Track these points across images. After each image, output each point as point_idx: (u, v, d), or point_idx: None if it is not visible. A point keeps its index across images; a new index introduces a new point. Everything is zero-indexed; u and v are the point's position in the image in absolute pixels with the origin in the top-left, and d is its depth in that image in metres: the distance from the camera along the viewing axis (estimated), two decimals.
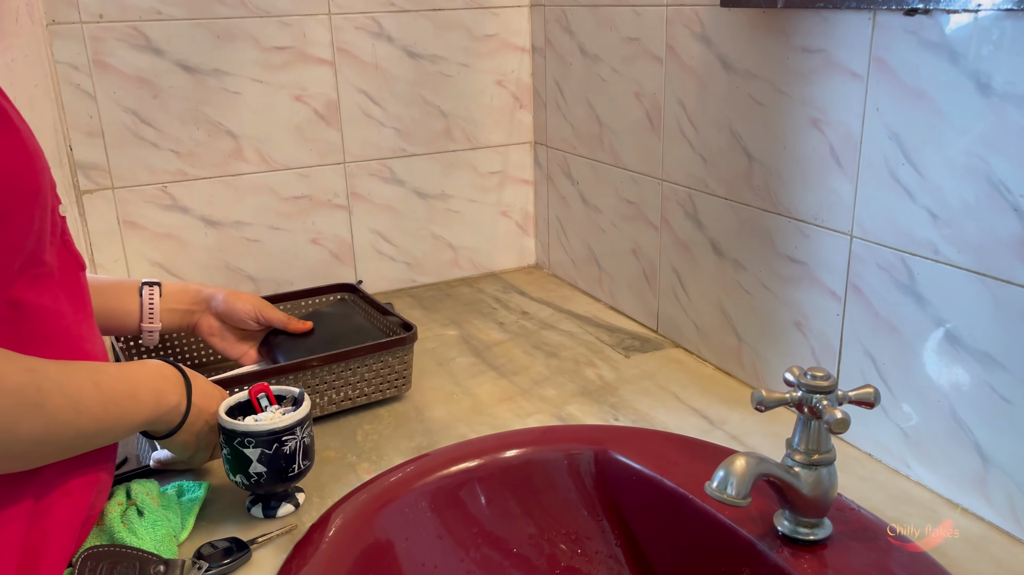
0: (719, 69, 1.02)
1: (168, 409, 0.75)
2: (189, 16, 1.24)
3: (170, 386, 0.76)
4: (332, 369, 0.97)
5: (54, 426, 0.61)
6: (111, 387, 0.68)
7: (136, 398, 0.71)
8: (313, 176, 1.38)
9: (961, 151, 0.74)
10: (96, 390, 0.66)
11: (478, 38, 1.43)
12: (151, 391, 0.73)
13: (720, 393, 1.04)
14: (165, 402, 0.75)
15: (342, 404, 1.00)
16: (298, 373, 0.95)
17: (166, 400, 0.75)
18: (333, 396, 0.99)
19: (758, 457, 0.67)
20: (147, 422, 0.73)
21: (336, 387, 0.98)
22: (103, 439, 0.69)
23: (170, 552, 0.73)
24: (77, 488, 0.69)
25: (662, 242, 1.20)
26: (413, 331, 1.04)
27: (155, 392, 0.74)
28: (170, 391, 0.76)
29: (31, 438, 0.60)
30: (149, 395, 0.73)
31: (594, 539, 0.85)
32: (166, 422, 0.76)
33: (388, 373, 1.02)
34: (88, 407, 0.65)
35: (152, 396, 0.73)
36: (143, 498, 0.76)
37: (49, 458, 0.65)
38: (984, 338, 0.75)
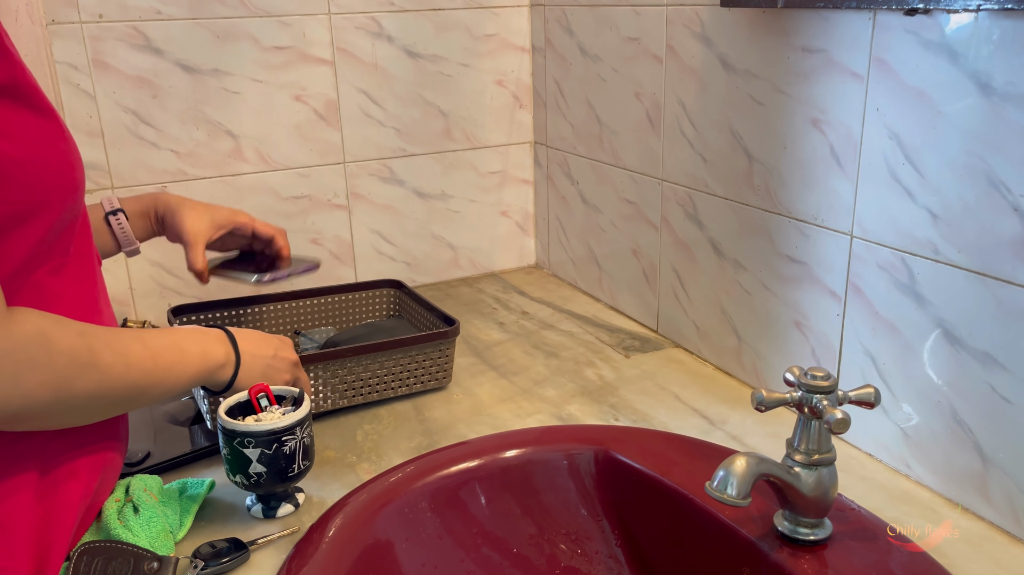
0: (719, 69, 1.02)
1: (218, 361, 0.80)
2: (189, 16, 1.24)
3: (212, 339, 0.81)
4: (376, 358, 1.02)
5: (107, 381, 0.67)
6: (156, 343, 0.74)
7: (182, 350, 0.76)
8: (313, 176, 1.38)
9: (961, 151, 0.74)
10: (143, 346, 0.71)
11: (478, 38, 1.43)
12: (195, 344, 0.78)
13: (720, 393, 1.04)
14: (212, 354, 0.80)
15: (385, 393, 1.04)
16: (349, 358, 1.01)
17: (213, 352, 0.80)
18: (376, 384, 1.04)
19: (758, 457, 0.67)
20: (199, 375, 0.78)
21: (379, 376, 1.03)
22: (157, 392, 0.73)
23: (166, 549, 0.73)
24: (84, 469, 0.70)
25: (662, 242, 1.20)
26: (455, 326, 1.07)
27: (199, 345, 0.79)
28: (214, 343, 0.81)
29: (86, 394, 0.65)
30: (194, 348, 0.78)
31: (594, 539, 0.85)
32: (221, 375, 0.81)
33: (430, 365, 1.06)
34: (137, 361, 0.70)
35: (198, 349, 0.78)
36: (140, 495, 0.76)
37: (107, 412, 0.70)
38: (984, 338, 0.75)
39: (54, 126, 0.65)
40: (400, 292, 1.23)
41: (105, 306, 0.77)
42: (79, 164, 0.68)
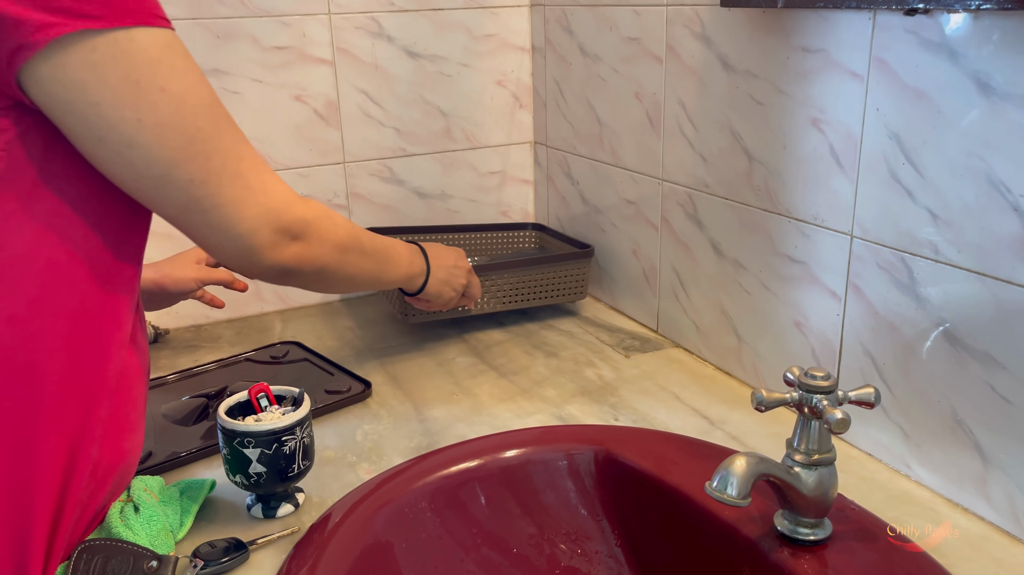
0: (719, 69, 1.02)
1: (417, 268, 1.04)
2: (189, 16, 1.24)
3: (414, 250, 1.04)
4: (528, 270, 1.30)
5: (363, 259, 0.89)
6: (382, 243, 0.96)
7: (398, 253, 0.99)
8: (313, 176, 1.38)
9: (961, 151, 0.74)
10: (376, 241, 0.94)
11: (478, 38, 1.43)
12: (405, 250, 1.01)
13: (720, 393, 1.04)
14: (414, 262, 1.03)
15: (534, 301, 1.31)
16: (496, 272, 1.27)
17: (414, 260, 1.03)
18: (528, 293, 1.30)
19: (758, 457, 0.67)
20: (404, 278, 1.02)
21: (530, 286, 1.30)
22: (382, 280, 0.99)
23: (166, 548, 0.73)
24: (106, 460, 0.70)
25: (662, 242, 1.20)
26: (590, 249, 1.34)
27: (407, 252, 1.02)
28: (414, 254, 1.04)
29: (351, 265, 0.87)
30: (404, 252, 1.01)
31: (594, 539, 0.85)
32: (417, 281, 1.05)
33: (570, 279, 1.33)
34: (376, 251, 0.93)
35: (407, 253, 1.01)
36: (140, 494, 0.76)
37: (350, 286, 0.96)
38: (984, 338, 0.75)
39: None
40: (542, 232, 1.50)
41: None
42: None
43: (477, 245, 1.50)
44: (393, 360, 1.18)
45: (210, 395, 1.06)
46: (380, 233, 1.29)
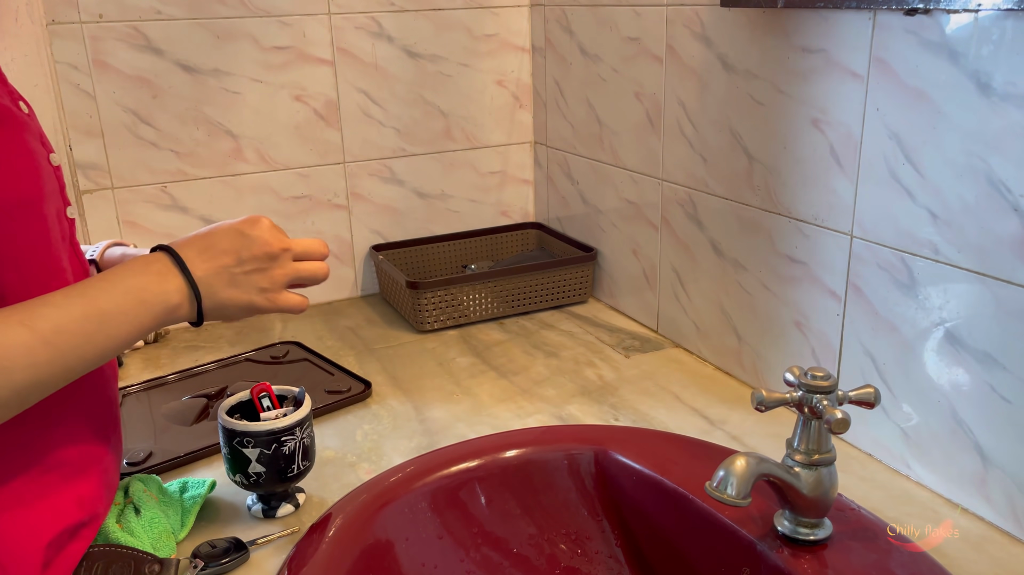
0: (719, 69, 1.02)
1: (164, 303, 0.65)
2: (189, 16, 1.24)
3: (152, 278, 0.65)
4: (522, 278, 1.31)
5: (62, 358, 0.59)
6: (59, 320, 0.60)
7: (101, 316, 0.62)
8: (313, 176, 1.38)
9: (961, 151, 0.74)
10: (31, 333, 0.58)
11: (478, 38, 1.43)
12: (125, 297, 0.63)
13: (720, 393, 1.04)
14: (154, 300, 0.65)
15: (539, 304, 1.33)
16: (501, 278, 1.29)
17: (155, 296, 0.65)
18: (532, 295, 1.33)
19: (758, 457, 0.67)
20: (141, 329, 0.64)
21: (523, 292, 1.31)
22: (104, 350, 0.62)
23: (167, 550, 0.73)
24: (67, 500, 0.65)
25: (662, 242, 1.20)
26: (592, 252, 1.35)
27: (132, 296, 0.64)
28: (154, 282, 0.65)
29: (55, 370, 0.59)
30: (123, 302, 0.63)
31: (594, 539, 0.85)
32: (178, 315, 0.67)
33: (572, 281, 1.35)
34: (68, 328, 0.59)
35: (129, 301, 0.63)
36: (140, 495, 0.76)
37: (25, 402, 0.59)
38: (984, 338, 0.75)
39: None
40: (543, 232, 1.52)
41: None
42: (36, 174, 0.62)
43: (478, 247, 1.50)
44: (393, 360, 1.18)
45: (210, 395, 1.07)
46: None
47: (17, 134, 0.62)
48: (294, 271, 0.73)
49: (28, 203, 0.63)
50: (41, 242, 0.65)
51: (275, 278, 0.71)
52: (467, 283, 1.28)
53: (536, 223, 1.55)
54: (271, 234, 0.71)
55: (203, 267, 0.68)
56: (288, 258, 0.72)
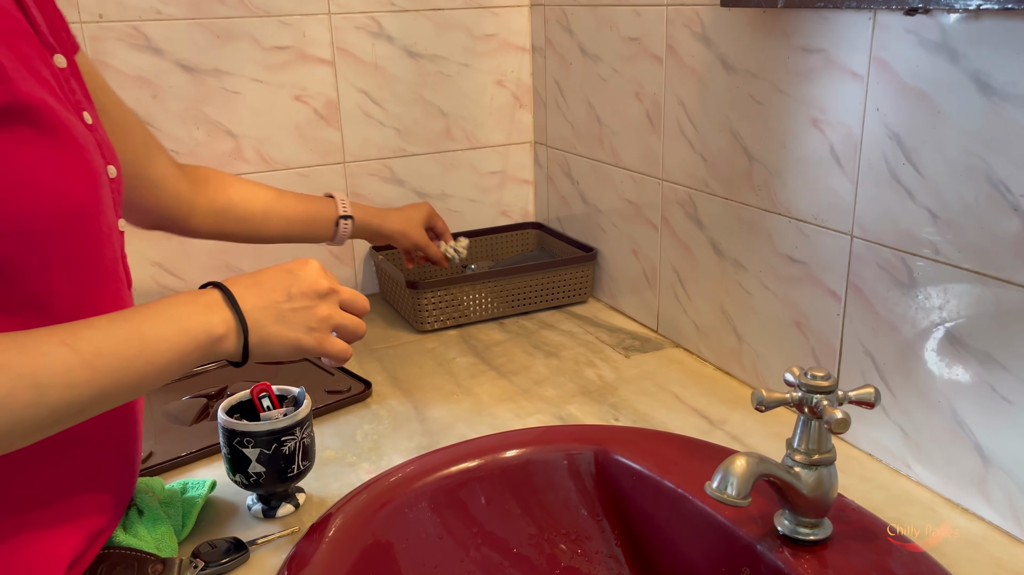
0: (719, 69, 1.02)
1: (210, 333, 0.65)
2: (189, 16, 1.24)
3: (199, 309, 0.65)
4: (522, 278, 1.32)
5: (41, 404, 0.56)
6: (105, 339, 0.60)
7: (142, 339, 0.61)
8: (313, 176, 1.38)
9: (961, 151, 0.74)
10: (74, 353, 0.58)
11: (478, 38, 1.43)
12: (169, 324, 0.63)
13: (720, 393, 1.04)
14: (198, 329, 0.64)
15: (539, 304, 1.34)
16: (501, 278, 1.30)
17: (199, 326, 0.64)
18: (524, 300, 1.33)
19: (758, 457, 0.67)
20: (182, 359, 0.64)
21: (524, 292, 1.32)
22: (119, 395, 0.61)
23: (170, 550, 0.73)
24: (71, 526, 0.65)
25: (662, 242, 1.20)
26: (592, 252, 1.36)
27: (177, 323, 0.64)
28: (201, 313, 0.65)
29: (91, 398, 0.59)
30: (167, 329, 0.63)
31: (594, 539, 0.85)
32: (223, 347, 0.66)
33: (572, 281, 1.36)
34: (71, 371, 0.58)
35: (173, 329, 0.63)
36: (143, 496, 0.76)
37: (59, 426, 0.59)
38: (984, 338, 0.75)
39: (55, 145, 0.60)
40: (543, 232, 1.53)
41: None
42: (90, 184, 0.63)
43: (478, 247, 1.50)
44: (393, 360, 1.18)
45: (210, 395, 1.07)
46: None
47: (75, 146, 0.62)
48: (341, 317, 0.73)
49: (87, 214, 0.63)
50: (95, 251, 0.65)
51: (323, 318, 0.71)
52: (467, 283, 1.28)
53: (536, 223, 1.55)
54: (320, 274, 0.72)
55: (252, 301, 0.68)
56: (335, 300, 0.73)
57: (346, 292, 0.74)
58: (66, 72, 0.67)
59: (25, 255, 0.59)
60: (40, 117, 0.59)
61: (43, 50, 0.64)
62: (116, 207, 0.69)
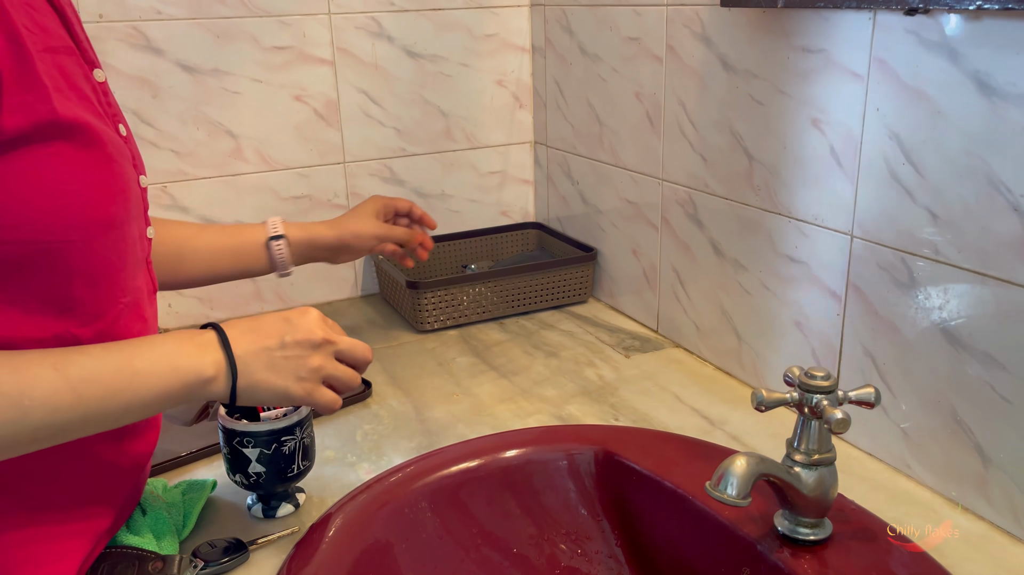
0: (719, 69, 1.02)
1: (198, 374, 0.65)
2: (189, 16, 1.24)
3: (192, 349, 0.66)
4: (522, 278, 1.32)
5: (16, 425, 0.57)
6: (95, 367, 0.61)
7: (133, 372, 0.63)
8: (313, 176, 1.38)
9: (961, 151, 0.74)
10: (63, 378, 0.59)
11: (478, 38, 1.43)
12: (161, 359, 0.64)
13: (720, 393, 1.04)
14: (188, 368, 0.65)
15: (539, 303, 1.34)
16: (501, 278, 1.30)
17: (189, 365, 0.65)
18: (524, 300, 1.33)
19: (758, 457, 0.67)
20: (166, 396, 0.64)
21: (523, 292, 1.32)
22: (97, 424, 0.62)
23: (171, 548, 0.74)
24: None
25: (662, 242, 1.20)
26: (592, 252, 1.36)
27: (167, 360, 0.65)
28: (193, 354, 0.66)
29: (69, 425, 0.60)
30: (159, 364, 0.64)
31: (594, 539, 0.85)
32: (210, 389, 0.66)
33: (572, 281, 1.36)
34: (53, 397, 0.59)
35: (164, 364, 0.64)
36: (146, 496, 0.77)
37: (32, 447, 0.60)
38: (984, 338, 0.75)
39: (96, 156, 0.61)
40: (543, 232, 1.52)
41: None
42: (119, 197, 0.64)
43: (478, 247, 1.50)
44: (393, 360, 1.18)
45: None
46: None
47: (111, 159, 0.63)
48: (333, 368, 0.73)
49: (114, 225, 0.64)
50: (119, 262, 0.66)
51: (314, 368, 0.71)
52: (467, 283, 1.28)
53: (536, 223, 1.55)
54: (317, 324, 0.72)
55: (245, 346, 0.68)
56: (329, 351, 0.72)
57: (344, 343, 0.73)
58: (104, 86, 0.68)
59: (49, 262, 0.60)
60: (78, 133, 0.60)
61: (85, 66, 0.65)
62: (145, 215, 0.71)
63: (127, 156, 0.66)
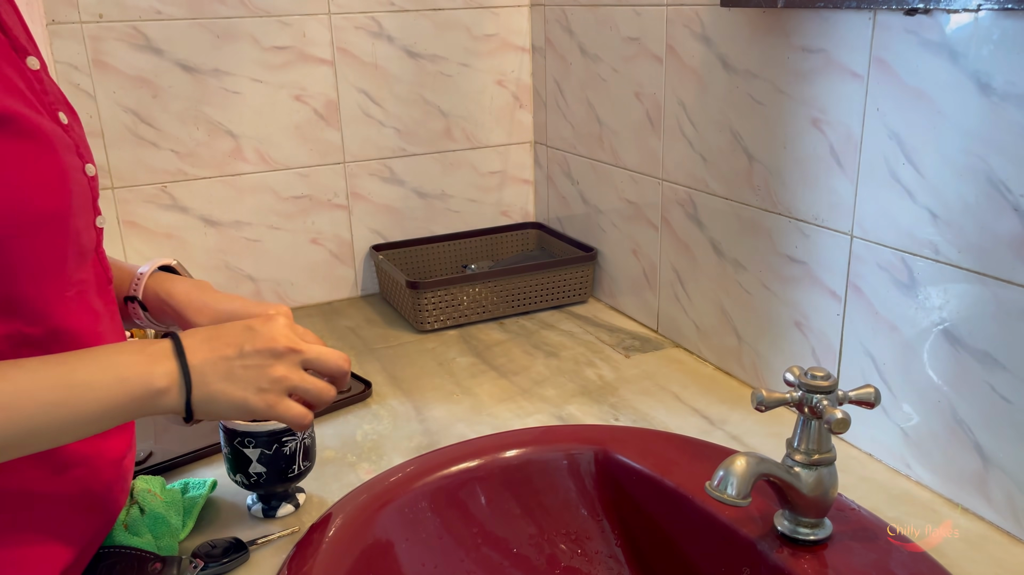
0: (719, 69, 1.02)
1: (148, 386, 0.61)
2: (189, 16, 1.24)
3: (144, 359, 0.61)
4: (522, 278, 1.32)
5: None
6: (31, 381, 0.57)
7: (69, 386, 0.58)
8: (313, 176, 1.38)
9: (961, 151, 0.74)
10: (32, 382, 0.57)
11: (478, 38, 1.43)
12: (105, 372, 0.60)
13: (720, 393, 1.04)
14: (138, 380, 0.60)
15: (540, 303, 1.34)
16: (501, 278, 1.30)
17: (139, 376, 0.61)
18: (524, 300, 1.33)
19: (758, 457, 0.67)
20: (114, 409, 0.60)
21: (524, 291, 1.33)
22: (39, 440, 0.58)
23: (170, 549, 0.74)
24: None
25: (662, 242, 1.20)
26: (592, 252, 1.35)
27: (113, 371, 0.60)
28: (144, 364, 0.61)
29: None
30: (102, 376, 0.60)
31: (594, 539, 0.85)
32: (163, 402, 0.62)
33: (572, 281, 1.36)
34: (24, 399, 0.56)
35: (108, 377, 0.60)
36: (145, 496, 0.76)
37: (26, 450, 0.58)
38: (984, 338, 0.75)
39: (31, 148, 0.58)
40: (543, 232, 1.52)
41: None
42: (61, 190, 0.60)
43: (478, 247, 1.50)
44: (393, 360, 1.18)
45: None
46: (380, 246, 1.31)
47: (49, 150, 0.60)
48: (299, 379, 0.67)
49: (55, 219, 0.61)
50: (64, 256, 0.63)
51: (276, 379, 0.65)
52: (467, 283, 1.28)
53: (536, 223, 1.55)
54: (280, 331, 0.67)
55: (202, 356, 0.63)
56: (294, 361, 0.67)
57: (311, 352, 0.68)
58: (39, 74, 0.64)
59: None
60: (8, 124, 0.57)
61: (14, 55, 0.62)
62: (95, 203, 0.67)
63: (68, 145, 0.63)
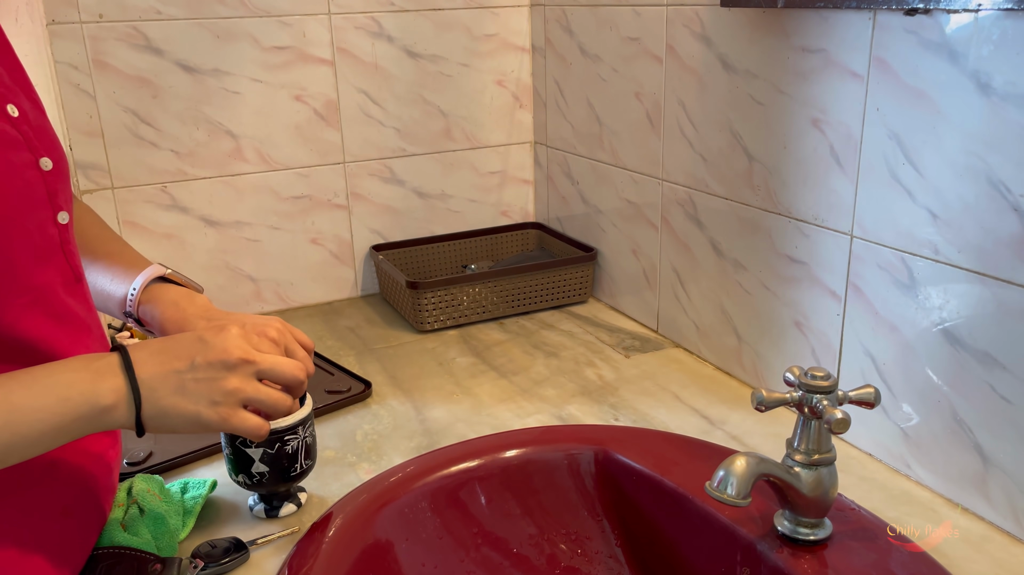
0: (719, 69, 1.02)
1: (94, 403, 0.59)
2: (189, 16, 1.24)
3: (90, 375, 0.60)
4: (522, 278, 1.31)
5: None
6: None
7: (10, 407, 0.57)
8: (313, 176, 1.38)
9: (961, 151, 0.74)
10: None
11: (478, 38, 1.43)
12: (47, 392, 0.58)
13: (720, 393, 1.04)
14: (81, 398, 0.59)
15: (540, 304, 1.34)
16: (501, 278, 1.30)
17: (83, 394, 0.59)
18: (524, 300, 1.33)
19: (758, 457, 0.67)
20: (60, 428, 0.58)
21: (523, 291, 1.32)
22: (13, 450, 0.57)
23: (170, 550, 0.73)
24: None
25: (662, 242, 1.20)
26: (592, 252, 1.36)
27: (56, 391, 0.58)
28: (90, 381, 0.60)
29: None
30: (44, 397, 0.58)
31: (594, 539, 0.85)
32: (111, 418, 0.60)
33: (572, 281, 1.36)
34: None
35: (51, 396, 0.58)
36: (144, 495, 0.76)
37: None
38: (984, 338, 0.75)
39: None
40: (543, 232, 1.52)
41: (94, 336, 0.68)
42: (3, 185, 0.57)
43: (478, 247, 1.50)
44: (393, 360, 1.18)
45: None
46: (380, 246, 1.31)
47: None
48: (253, 390, 0.66)
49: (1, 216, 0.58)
50: (16, 258, 0.60)
51: (229, 391, 0.64)
52: (467, 283, 1.28)
53: (536, 223, 1.55)
54: (233, 343, 0.65)
55: (151, 369, 0.62)
56: (248, 372, 0.65)
57: (265, 362, 0.66)
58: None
59: None
60: None
61: None
62: (53, 200, 0.64)
63: (14, 140, 0.60)
